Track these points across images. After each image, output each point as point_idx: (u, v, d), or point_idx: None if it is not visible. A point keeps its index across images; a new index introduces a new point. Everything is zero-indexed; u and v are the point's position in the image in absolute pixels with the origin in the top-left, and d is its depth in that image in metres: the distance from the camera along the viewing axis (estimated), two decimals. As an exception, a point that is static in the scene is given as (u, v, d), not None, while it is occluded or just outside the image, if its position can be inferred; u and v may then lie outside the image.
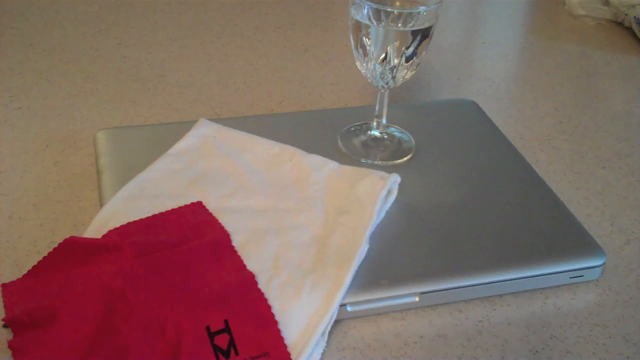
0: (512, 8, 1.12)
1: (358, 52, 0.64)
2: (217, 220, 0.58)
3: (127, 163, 0.65)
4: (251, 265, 0.54)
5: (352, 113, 0.75)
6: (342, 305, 0.53)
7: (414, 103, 0.83)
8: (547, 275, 0.57)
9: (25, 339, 0.49)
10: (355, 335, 0.54)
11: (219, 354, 0.48)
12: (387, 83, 0.66)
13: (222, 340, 0.49)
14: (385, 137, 0.71)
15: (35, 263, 0.55)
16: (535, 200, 0.64)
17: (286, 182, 0.63)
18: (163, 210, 0.59)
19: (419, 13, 0.61)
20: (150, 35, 0.95)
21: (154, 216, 0.58)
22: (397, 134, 0.72)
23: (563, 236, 0.60)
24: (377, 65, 0.63)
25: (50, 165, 0.69)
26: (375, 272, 0.55)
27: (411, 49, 0.62)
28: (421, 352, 0.53)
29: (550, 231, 0.61)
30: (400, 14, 0.60)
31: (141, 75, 0.86)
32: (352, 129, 0.72)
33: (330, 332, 0.53)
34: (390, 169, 0.64)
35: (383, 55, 0.63)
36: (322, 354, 0.51)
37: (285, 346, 0.49)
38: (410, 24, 0.61)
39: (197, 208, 0.59)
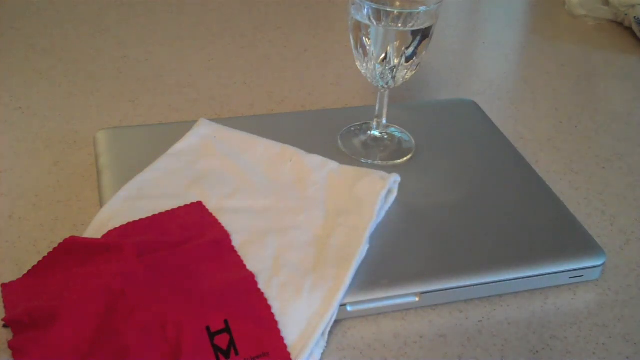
0: (512, 8, 1.12)
1: (358, 52, 0.64)
2: (217, 220, 0.58)
3: (127, 163, 0.65)
4: (251, 265, 0.54)
5: (352, 113, 0.75)
6: (342, 305, 0.53)
7: (414, 103, 0.83)
8: (547, 275, 0.57)
9: (25, 339, 0.49)
10: (355, 335, 0.54)
11: (219, 354, 0.48)
12: (387, 83, 0.66)
13: (222, 340, 0.49)
14: (385, 137, 0.71)
15: (35, 263, 0.55)
16: (535, 200, 0.64)
17: (286, 182, 0.63)
18: (163, 210, 0.59)
19: (418, 13, 0.61)
20: (150, 35, 0.95)
21: (154, 216, 0.58)
22: (397, 134, 0.72)
23: (563, 236, 0.60)
24: (377, 65, 0.63)
25: (50, 165, 0.69)
26: (375, 272, 0.55)
27: (411, 49, 0.62)
28: (421, 352, 0.53)
29: (550, 231, 0.61)
30: (400, 14, 0.60)
31: (141, 75, 0.86)
32: (352, 129, 0.72)
33: (330, 332, 0.53)
34: (390, 169, 0.64)
35: (383, 55, 0.63)
36: (322, 354, 0.51)
37: (285, 346, 0.49)
38: (410, 24, 0.61)
39: (197, 208, 0.59)
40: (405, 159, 0.69)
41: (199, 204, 0.59)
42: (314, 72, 0.89)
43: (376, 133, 0.71)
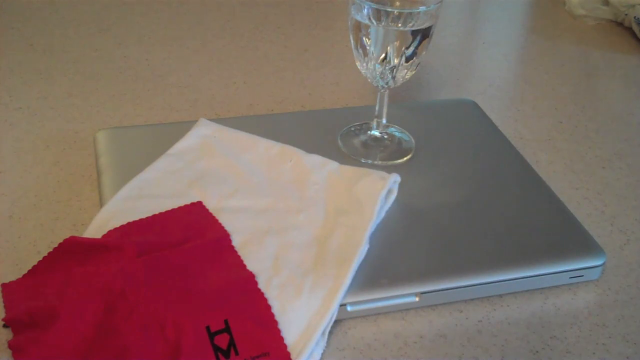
0: (512, 8, 1.12)
1: (358, 52, 0.64)
2: (217, 220, 0.58)
3: (127, 163, 0.65)
4: (251, 265, 0.54)
5: (352, 113, 0.75)
6: (342, 305, 0.53)
7: (414, 103, 0.83)
8: (547, 275, 0.57)
9: (25, 339, 0.49)
10: (355, 335, 0.54)
11: (219, 354, 0.48)
12: (387, 83, 0.66)
13: (222, 340, 0.49)
14: (385, 137, 0.71)
15: (35, 263, 0.55)
16: (535, 200, 0.64)
17: (286, 182, 0.63)
18: (163, 210, 0.59)
19: (418, 13, 0.61)
20: (150, 35, 0.95)
21: (154, 216, 0.58)
22: (397, 134, 0.72)
23: (563, 236, 0.60)
24: (377, 65, 0.63)
25: (50, 165, 0.69)
26: (375, 272, 0.55)
27: (411, 49, 0.62)
28: (421, 352, 0.53)
29: (550, 231, 0.61)
30: (400, 14, 0.60)
31: (141, 75, 0.86)
32: (352, 129, 0.72)
33: (330, 332, 0.53)
34: (390, 169, 0.64)
35: (383, 55, 0.63)
36: (322, 354, 0.51)
37: (285, 346, 0.49)
38: (410, 24, 0.61)
39: (197, 208, 0.59)
40: (405, 159, 0.69)
41: (199, 203, 0.59)
42: (314, 72, 0.89)
43: (376, 133, 0.71)
